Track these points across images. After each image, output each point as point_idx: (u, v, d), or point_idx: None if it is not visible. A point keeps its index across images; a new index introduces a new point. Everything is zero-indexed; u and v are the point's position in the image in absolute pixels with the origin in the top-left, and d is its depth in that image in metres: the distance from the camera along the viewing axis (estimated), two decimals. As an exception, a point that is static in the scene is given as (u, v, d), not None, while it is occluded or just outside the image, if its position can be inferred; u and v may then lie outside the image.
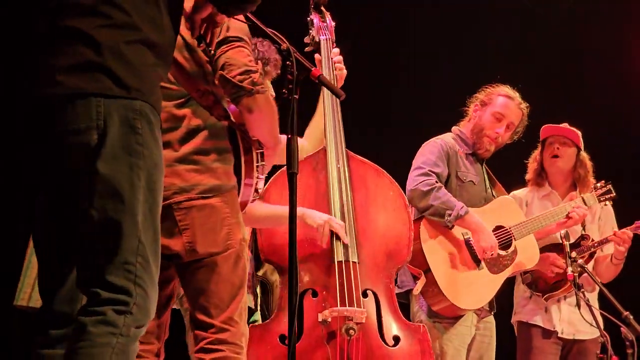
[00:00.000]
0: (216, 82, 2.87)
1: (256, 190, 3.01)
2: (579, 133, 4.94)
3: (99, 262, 2.13)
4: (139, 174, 2.14)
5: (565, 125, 4.98)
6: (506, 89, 4.68)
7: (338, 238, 3.74)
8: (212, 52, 2.80)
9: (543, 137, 5.01)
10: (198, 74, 2.90)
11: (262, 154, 2.97)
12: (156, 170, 2.20)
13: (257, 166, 2.96)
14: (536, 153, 5.07)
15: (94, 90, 2.10)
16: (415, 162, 4.50)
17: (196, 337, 2.93)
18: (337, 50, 3.95)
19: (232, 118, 2.95)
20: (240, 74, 2.81)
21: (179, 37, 2.74)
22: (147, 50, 2.19)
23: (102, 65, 2.11)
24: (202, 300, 2.90)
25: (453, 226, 4.38)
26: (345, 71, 3.94)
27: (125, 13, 2.16)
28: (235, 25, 2.86)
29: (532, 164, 5.08)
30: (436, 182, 4.38)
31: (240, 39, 2.86)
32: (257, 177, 2.98)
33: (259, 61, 3.12)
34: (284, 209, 3.52)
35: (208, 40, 2.66)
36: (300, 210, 3.51)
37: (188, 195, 2.86)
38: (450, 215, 4.32)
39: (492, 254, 4.38)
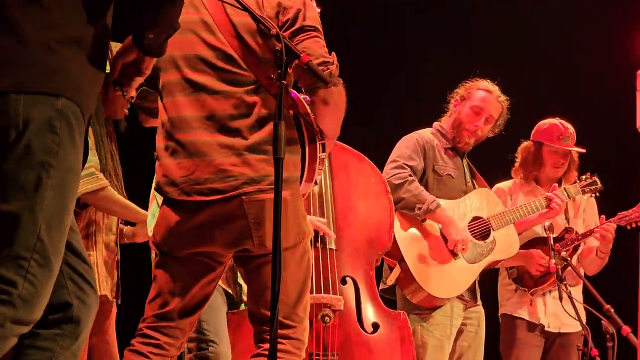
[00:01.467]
0: (289, 71, 2.76)
1: (315, 182, 2.95)
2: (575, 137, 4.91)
3: None
4: (49, 172, 2.06)
5: (560, 122, 4.90)
6: (485, 83, 4.68)
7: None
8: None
9: (547, 141, 4.91)
10: (269, 61, 2.80)
11: (324, 144, 2.90)
12: (69, 174, 2.11)
13: (321, 157, 2.90)
14: (529, 147, 4.97)
15: (14, 87, 2.05)
16: (391, 156, 4.52)
17: (257, 330, 2.89)
18: None
19: (298, 107, 2.88)
20: (319, 64, 2.74)
21: (252, 23, 2.73)
22: (74, 47, 2.13)
23: (25, 62, 2.06)
24: (268, 296, 2.74)
25: (425, 219, 4.37)
26: None
27: (47, 11, 2.10)
28: (312, 15, 2.82)
29: (524, 161, 4.98)
30: (409, 175, 4.38)
31: (316, 29, 2.82)
32: (318, 169, 2.91)
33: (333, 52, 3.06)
34: None
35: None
36: None
37: (258, 186, 2.75)
38: (420, 209, 4.32)
39: (463, 248, 4.38)
